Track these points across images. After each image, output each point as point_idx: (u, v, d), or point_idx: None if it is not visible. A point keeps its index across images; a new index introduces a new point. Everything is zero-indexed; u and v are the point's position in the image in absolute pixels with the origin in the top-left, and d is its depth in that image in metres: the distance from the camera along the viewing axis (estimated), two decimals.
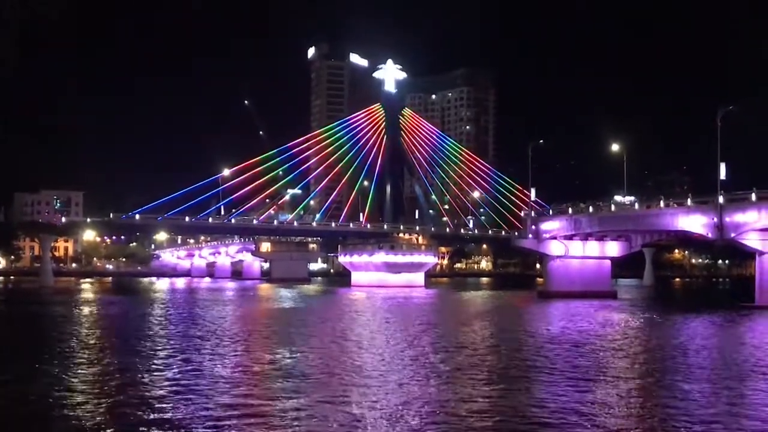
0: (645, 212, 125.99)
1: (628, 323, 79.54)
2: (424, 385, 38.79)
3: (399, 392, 36.42)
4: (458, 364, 46.14)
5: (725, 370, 44.87)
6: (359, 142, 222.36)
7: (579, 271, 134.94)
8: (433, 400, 34.86)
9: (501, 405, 33.63)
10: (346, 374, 41.91)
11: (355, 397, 34.87)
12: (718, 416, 31.54)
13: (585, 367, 45.16)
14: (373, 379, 40.40)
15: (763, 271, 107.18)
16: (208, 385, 38.14)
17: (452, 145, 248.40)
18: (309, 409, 32.24)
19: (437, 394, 36.22)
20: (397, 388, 37.64)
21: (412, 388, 37.75)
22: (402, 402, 33.99)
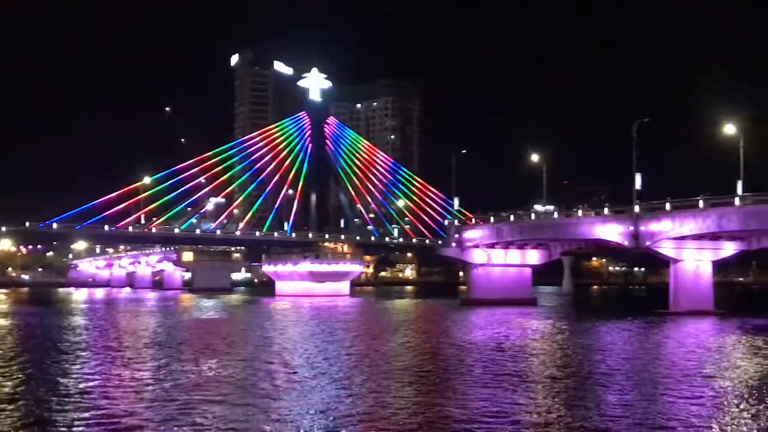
0: (564, 221, 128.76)
1: (547, 330, 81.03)
2: (347, 393, 38.71)
3: (321, 401, 36.26)
4: (382, 372, 46.21)
5: (641, 374, 46.14)
6: (284, 151, 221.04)
7: (501, 278, 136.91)
8: (355, 407, 34.83)
9: (425, 411, 33.81)
10: (267, 385, 41.52)
11: (274, 408, 34.57)
12: (635, 419, 32.37)
13: (506, 373, 45.79)
14: (295, 389, 40.13)
15: (677, 278, 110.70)
16: (115, 395, 37.28)
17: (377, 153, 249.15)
18: (225, 421, 31.83)
19: (359, 402, 36.19)
20: (318, 396, 37.49)
21: (333, 396, 37.63)
22: (323, 410, 33.87)
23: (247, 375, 45.24)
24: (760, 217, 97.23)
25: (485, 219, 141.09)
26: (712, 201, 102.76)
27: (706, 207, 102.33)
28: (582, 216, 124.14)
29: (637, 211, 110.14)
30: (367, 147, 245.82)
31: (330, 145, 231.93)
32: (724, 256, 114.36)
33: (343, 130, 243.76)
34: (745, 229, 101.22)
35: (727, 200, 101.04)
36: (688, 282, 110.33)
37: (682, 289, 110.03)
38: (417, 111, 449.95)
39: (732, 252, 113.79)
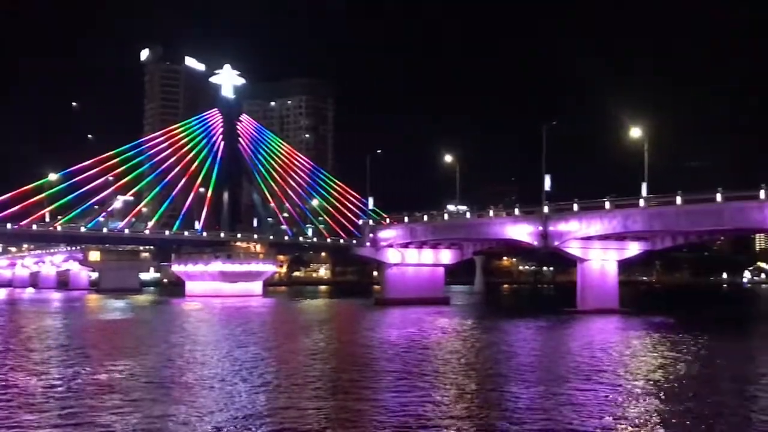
0: (476, 221, 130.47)
1: (459, 328, 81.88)
2: (256, 395, 38.13)
3: (230, 404, 35.58)
4: (294, 373, 45.75)
5: (549, 371, 47.01)
6: (195, 148, 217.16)
7: (414, 278, 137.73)
8: (269, 407, 34.33)
9: (339, 410, 33.58)
10: (175, 388, 40.56)
11: (183, 411, 33.76)
12: (544, 415, 32.88)
13: (419, 372, 45.97)
14: (204, 391, 39.30)
15: (584, 278, 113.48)
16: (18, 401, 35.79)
17: (291, 152, 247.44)
18: (136, 425, 30.90)
19: (271, 404, 35.67)
20: (232, 398, 36.78)
21: (244, 399, 37.00)
22: (237, 412, 33.25)
23: (158, 377, 44.09)
24: (663, 218, 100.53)
25: (399, 219, 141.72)
26: (617, 202, 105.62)
27: (612, 208, 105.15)
28: (493, 216, 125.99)
29: (546, 211, 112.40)
30: (280, 146, 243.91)
31: (243, 143, 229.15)
32: (628, 256, 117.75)
33: (256, 128, 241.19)
34: (649, 229, 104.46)
35: (632, 202, 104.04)
36: (595, 281, 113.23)
37: (588, 288, 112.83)
38: (331, 110, 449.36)
39: (636, 252, 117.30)
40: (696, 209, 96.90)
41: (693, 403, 36.11)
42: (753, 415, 33.66)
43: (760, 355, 59.41)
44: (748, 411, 34.54)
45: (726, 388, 42.01)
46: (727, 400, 37.82)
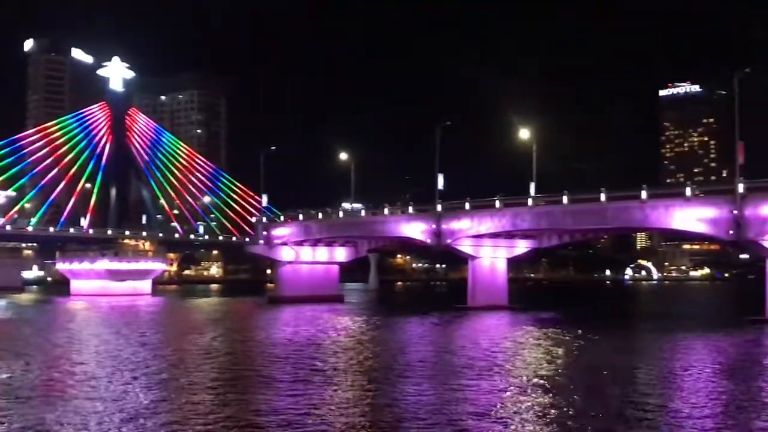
0: (371, 219, 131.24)
1: (353, 326, 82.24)
2: (152, 394, 37.30)
3: (125, 404, 34.69)
4: (187, 372, 44.96)
5: (441, 367, 47.84)
6: (82, 142, 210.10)
7: (309, 276, 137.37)
8: (160, 408, 33.62)
9: (234, 410, 33.21)
10: (60, 391, 39.22)
11: (69, 418, 32.70)
12: (435, 410, 33.44)
13: (314, 370, 45.95)
14: (91, 395, 38.15)
15: (475, 274, 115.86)
16: None
17: (182, 148, 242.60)
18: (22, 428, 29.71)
19: (165, 404, 34.95)
20: (123, 399, 35.84)
21: (137, 398, 36.12)
22: (129, 413, 32.43)
23: (40, 380, 42.49)
24: (551, 217, 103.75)
25: (294, 217, 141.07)
26: (507, 201, 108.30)
27: (502, 207, 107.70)
28: (388, 214, 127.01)
29: (440, 210, 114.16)
30: (171, 141, 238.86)
31: (132, 138, 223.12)
32: (517, 254, 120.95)
33: (145, 122, 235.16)
34: (537, 228, 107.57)
35: (521, 201, 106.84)
36: (485, 278, 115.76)
37: (479, 285, 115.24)
38: (224, 106, 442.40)
39: (525, 249, 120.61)
40: (581, 209, 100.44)
41: (577, 396, 37.45)
42: (630, 407, 35.16)
43: (638, 349, 62.10)
44: (626, 402, 36.08)
45: (606, 381, 43.76)
46: (607, 393, 39.42)
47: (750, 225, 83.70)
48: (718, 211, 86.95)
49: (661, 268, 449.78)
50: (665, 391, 39.58)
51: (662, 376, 44.96)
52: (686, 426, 30.77)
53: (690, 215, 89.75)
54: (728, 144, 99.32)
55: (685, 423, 31.30)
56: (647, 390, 39.92)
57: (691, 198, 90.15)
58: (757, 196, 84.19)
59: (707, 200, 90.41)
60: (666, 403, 35.93)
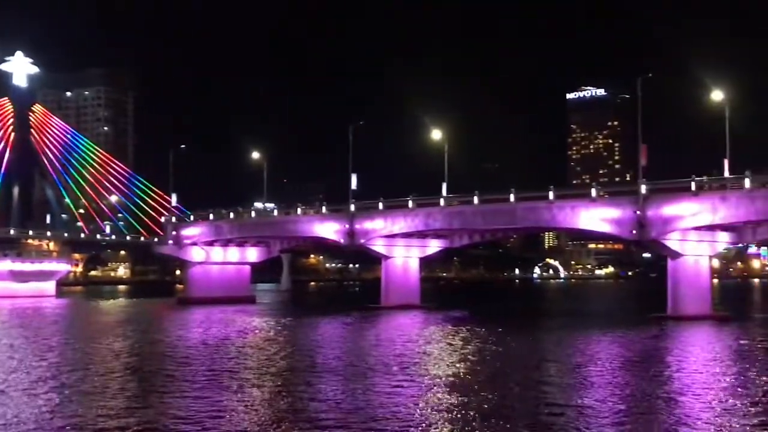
0: (284, 219, 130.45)
1: (265, 326, 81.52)
2: (62, 397, 36.08)
3: (34, 408, 33.46)
4: (96, 375, 43.68)
5: (353, 366, 47.88)
6: None
7: (219, 276, 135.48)
8: (71, 411, 32.57)
9: (143, 413, 32.46)
10: None
11: None
12: (347, 409, 33.45)
13: (225, 371, 45.34)
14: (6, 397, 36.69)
15: (388, 274, 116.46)
16: None
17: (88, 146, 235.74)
18: None
19: (76, 407, 33.86)
20: (33, 403, 34.57)
21: (46, 402, 34.89)
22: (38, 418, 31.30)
23: None
24: (462, 217, 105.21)
25: (204, 216, 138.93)
26: (419, 201, 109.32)
27: (415, 207, 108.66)
28: (301, 214, 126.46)
29: (353, 210, 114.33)
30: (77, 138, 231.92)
31: (36, 135, 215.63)
32: (430, 253, 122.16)
33: (51, 119, 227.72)
34: (449, 227, 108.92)
35: (433, 201, 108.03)
36: (398, 277, 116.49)
37: (392, 285, 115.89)
38: (131, 103, 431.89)
39: (437, 249, 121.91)
40: (491, 209, 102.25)
41: (488, 393, 38.03)
42: (538, 403, 35.95)
43: (546, 346, 63.55)
44: (534, 398, 36.88)
45: (515, 378, 44.63)
46: (515, 389, 40.21)
47: (652, 225, 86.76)
48: (621, 211, 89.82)
49: (567, 266, 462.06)
50: (573, 386, 40.59)
51: (570, 372, 46.12)
52: (593, 418, 31.64)
53: (595, 215, 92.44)
54: (632, 146, 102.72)
55: (592, 415, 32.18)
56: (555, 386, 40.89)
57: (596, 199, 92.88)
58: (659, 197, 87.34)
59: (611, 201, 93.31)
60: (573, 397, 36.86)
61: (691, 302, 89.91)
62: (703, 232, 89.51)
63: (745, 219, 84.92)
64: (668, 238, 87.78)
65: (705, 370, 47.07)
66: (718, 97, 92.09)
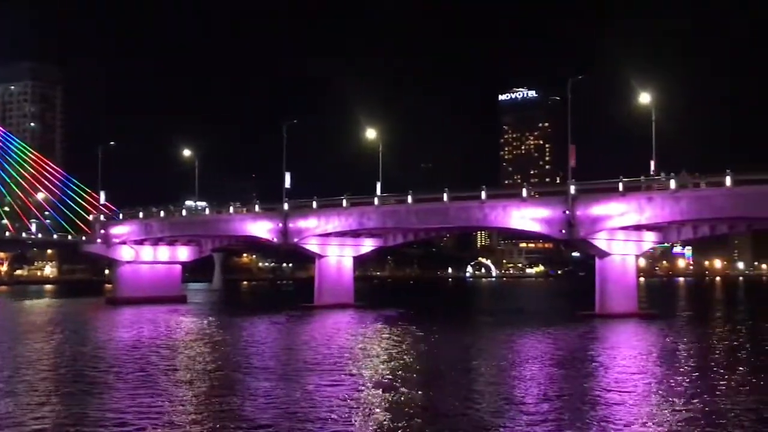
0: (216, 217, 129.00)
1: (196, 326, 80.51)
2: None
3: None
4: (23, 378, 42.50)
5: (285, 366, 47.67)
6: None
7: (149, 276, 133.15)
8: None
9: (74, 415, 31.72)
10: None
11: None
12: (280, 409, 33.29)
13: (156, 372, 44.62)
14: None
15: (322, 273, 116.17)
16: None
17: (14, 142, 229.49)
18: None
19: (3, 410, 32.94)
20: None
21: None
22: None
23: None
24: (396, 216, 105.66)
25: (134, 215, 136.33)
26: (354, 201, 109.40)
27: (349, 206, 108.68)
28: (233, 213, 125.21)
29: (287, 208, 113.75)
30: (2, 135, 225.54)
31: None
32: (364, 252, 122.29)
33: None
34: (383, 227, 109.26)
35: (367, 200, 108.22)
36: (332, 277, 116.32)
37: (325, 284, 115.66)
38: (60, 98, 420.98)
39: (371, 248, 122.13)
40: (425, 208, 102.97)
41: (421, 391, 38.33)
42: (471, 399, 36.38)
43: (478, 344, 64.31)
44: (466, 395, 37.30)
45: (447, 375, 45.09)
46: (447, 386, 40.63)
47: (581, 224, 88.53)
48: (551, 211, 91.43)
49: (499, 265, 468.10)
50: (503, 383, 41.17)
51: (500, 369, 46.77)
52: (524, 415, 32.16)
53: (526, 215, 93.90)
54: (563, 147, 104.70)
55: (522, 411, 32.70)
56: (486, 383, 41.42)
57: (527, 199, 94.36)
58: (588, 198, 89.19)
59: (542, 201, 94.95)
60: (504, 394, 37.40)
61: (618, 300, 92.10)
62: (630, 232, 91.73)
63: (670, 219, 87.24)
64: (596, 238, 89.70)
65: (631, 367, 48.26)
66: (645, 100, 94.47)
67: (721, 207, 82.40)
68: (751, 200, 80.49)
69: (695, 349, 59.21)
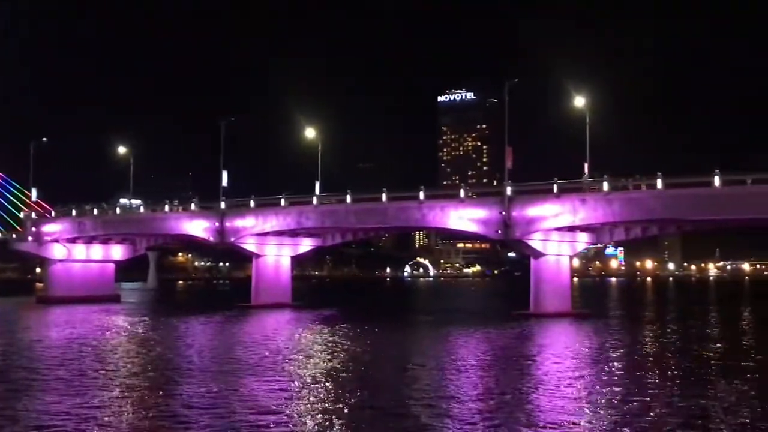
0: (151, 216, 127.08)
1: (129, 326, 79.17)
2: None
3: None
4: None
5: (221, 367, 47.20)
6: None
7: (82, 275, 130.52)
8: None
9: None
10: None
11: None
12: (215, 411, 32.96)
13: (88, 372, 43.73)
14: None
15: (259, 273, 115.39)
16: None
17: None
18: None
19: None
20: None
21: None
22: None
23: None
24: (334, 216, 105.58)
25: (66, 212, 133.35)
26: (292, 200, 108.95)
27: (287, 205, 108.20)
28: (169, 211, 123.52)
29: (223, 207, 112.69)
30: None
31: None
32: (302, 252, 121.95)
33: None
34: (322, 226, 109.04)
35: (306, 200, 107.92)
36: (269, 276, 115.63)
37: (263, 283, 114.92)
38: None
39: (309, 248, 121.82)
40: (364, 208, 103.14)
41: (358, 391, 38.39)
42: (407, 399, 36.60)
43: (415, 343, 64.72)
44: (402, 394, 37.52)
45: (384, 374, 45.30)
46: (383, 386, 40.81)
47: (517, 225, 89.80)
48: (488, 212, 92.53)
49: (437, 265, 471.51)
50: (438, 382, 41.48)
51: (437, 367, 47.11)
52: (458, 411, 32.49)
53: (464, 215, 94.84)
54: (500, 149, 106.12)
55: (457, 409, 33.03)
56: (422, 381, 41.68)
57: (464, 199, 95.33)
58: (524, 199, 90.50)
59: (479, 202, 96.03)
60: (439, 392, 37.68)
61: (552, 300, 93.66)
62: (564, 233, 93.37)
63: (603, 220, 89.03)
64: (531, 238, 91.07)
65: (563, 366, 49.14)
66: (579, 103, 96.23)
67: (652, 209, 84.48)
68: (680, 203, 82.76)
69: (625, 348, 60.54)
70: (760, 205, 78.56)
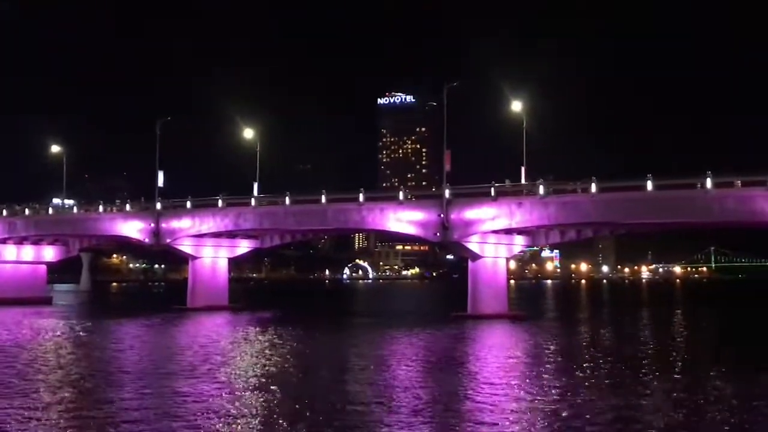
0: (84, 216, 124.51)
1: (61, 329, 77.36)
2: None
3: None
4: None
5: (154, 370, 46.45)
6: None
7: (12, 276, 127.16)
8: None
9: None
10: None
11: None
12: (154, 412, 32.43)
13: (16, 376, 42.56)
14: None
15: (195, 275, 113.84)
16: None
17: None
18: None
19: None
20: None
21: None
22: None
23: None
24: (273, 217, 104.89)
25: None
26: (230, 201, 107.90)
27: (225, 207, 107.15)
28: (103, 212, 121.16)
29: (159, 208, 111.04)
30: None
31: None
32: (240, 254, 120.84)
33: None
34: (260, 228, 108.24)
35: (244, 201, 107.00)
36: (206, 278, 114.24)
37: (199, 286, 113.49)
38: None
39: (247, 249, 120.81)
40: (303, 210, 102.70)
41: (295, 393, 38.23)
42: (343, 401, 36.57)
43: (353, 345, 64.69)
44: (339, 397, 37.48)
45: (321, 377, 45.19)
46: (320, 388, 40.71)
47: (455, 228, 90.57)
48: (427, 214, 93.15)
49: (376, 267, 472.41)
50: (375, 384, 41.53)
51: (375, 369, 47.17)
52: (394, 414, 32.58)
53: (402, 218, 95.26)
54: (439, 152, 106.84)
55: (393, 410, 33.12)
56: (359, 384, 41.70)
57: (403, 202, 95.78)
58: (462, 202, 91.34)
59: (418, 204, 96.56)
60: (376, 394, 37.73)
61: (489, 302, 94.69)
62: (501, 235, 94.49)
63: (538, 223, 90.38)
64: (469, 241, 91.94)
65: (498, 366, 49.71)
66: (517, 108, 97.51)
67: (587, 212, 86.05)
68: (614, 206, 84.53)
69: (560, 348, 61.52)
70: (689, 210, 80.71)
